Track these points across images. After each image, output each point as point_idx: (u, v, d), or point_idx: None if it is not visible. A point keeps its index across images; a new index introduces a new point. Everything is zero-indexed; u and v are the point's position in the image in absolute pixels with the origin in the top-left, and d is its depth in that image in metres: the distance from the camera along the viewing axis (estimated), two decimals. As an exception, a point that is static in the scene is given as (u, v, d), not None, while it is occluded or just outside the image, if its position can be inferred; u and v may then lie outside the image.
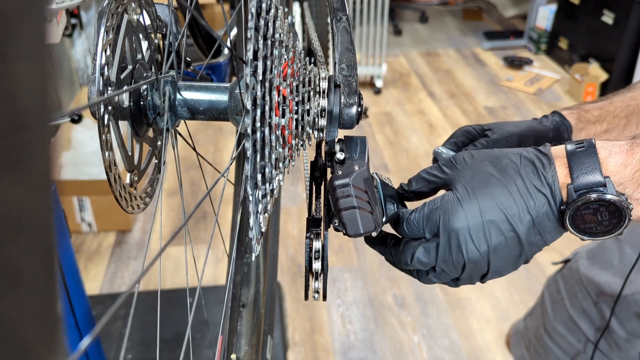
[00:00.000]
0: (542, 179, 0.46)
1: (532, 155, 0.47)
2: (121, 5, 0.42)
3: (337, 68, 0.46)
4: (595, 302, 0.83)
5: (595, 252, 0.87)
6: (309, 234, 0.47)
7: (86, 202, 1.99)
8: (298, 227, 2.14)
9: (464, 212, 0.46)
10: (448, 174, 0.50)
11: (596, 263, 0.85)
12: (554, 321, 0.90)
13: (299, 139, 0.45)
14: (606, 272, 0.82)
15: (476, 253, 0.47)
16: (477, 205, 0.46)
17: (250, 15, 0.37)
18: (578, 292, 0.86)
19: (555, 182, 0.46)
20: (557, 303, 0.90)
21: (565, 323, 0.88)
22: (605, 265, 0.83)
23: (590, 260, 0.87)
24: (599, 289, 0.82)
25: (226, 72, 0.80)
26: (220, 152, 2.59)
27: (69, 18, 2.37)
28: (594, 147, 0.46)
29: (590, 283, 0.84)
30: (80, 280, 1.13)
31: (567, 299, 0.88)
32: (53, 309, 0.13)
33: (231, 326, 0.63)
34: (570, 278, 0.89)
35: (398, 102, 3.07)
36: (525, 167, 0.47)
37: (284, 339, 1.65)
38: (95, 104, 0.39)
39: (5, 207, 0.12)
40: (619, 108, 0.67)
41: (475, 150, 0.52)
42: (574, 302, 0.87)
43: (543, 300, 0.95)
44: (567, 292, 0.89)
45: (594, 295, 0.83)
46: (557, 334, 0.89)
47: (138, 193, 0.48)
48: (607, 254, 0.84)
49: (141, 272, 0.28)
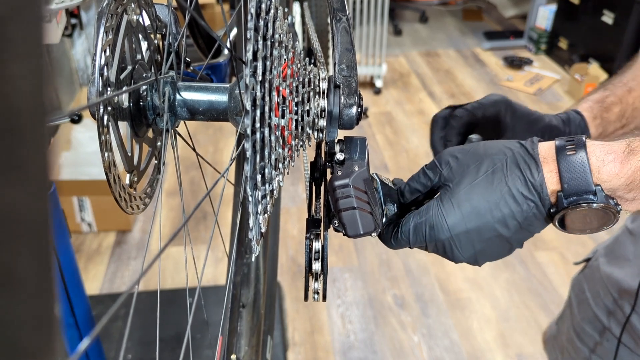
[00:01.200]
0: (530, 186, 0.45)
1: (519, 157, 0.46)
2: (121, 6, 0.42)
3: (337, 68, 0.46)
4: (615, 300, 0.82)
5: (611, 248, 0.87)
6: (309, 235, 0.47)
7: (86, 202, 1.99)
8: (298, 227, 2.14)
9: (446, 224, 0.46)
10: (433, 179, 0.49)
11: (613, 260, 0.85)
12: (582, 322, 0.89)
13: (299, 139, 0.45)
14: (623, 268, 0.82)
15: (463, 258, 0.48)
16: (461, 215, 0.46)
17: (249, 16, 0.37)
18: (600, 290, 0.86)
19: (544, 189, 0.45)
20: (582, 303, 0.90)
21: (592, 323, 0.87)
22: (621, 261, 0.83)
23: (608, 257, 0.86)
24: (618, 286, 0.82)
25: (226, 72, 0.79)
26: (220, 152, 2.59)
27: (69, 18, 2.37)
28: (584, 148, 0.45)
29: (610, 280, 0.84)
30: (80, 280, 1.13)
31: (591, 299, 0.88)
32: (51, 311, 0.13)
33: (231, 326, 0.63)
34: (592, 277, 0.89)
35: (398, 102, 3.07)
36: (511, 173, 0.46)
37: (284, 339, 1.65)
38: (95, 105, 0.39)
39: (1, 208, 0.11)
40: (638, 98, 0.66)
41: (460, 149, 0.50)
42: (598, 301, 0.86)
43: (570, 302, 0.95)
44: (591, 292, 0.88)
45: (614, 292, 0.83)
46: (585, 334, 0.89)
47: (138, 193, 0.48)
48: (623, 249, 0.84)
49: (141, 272, 0.28)
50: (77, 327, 1.08)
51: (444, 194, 0.48)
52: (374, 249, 2.04)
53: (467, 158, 0.48)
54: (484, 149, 0.49)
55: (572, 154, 0.45)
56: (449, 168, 0.48)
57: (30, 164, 0.12)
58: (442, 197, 0.48)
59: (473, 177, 0.47)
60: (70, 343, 1.08)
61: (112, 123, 0.42)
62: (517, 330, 1.72)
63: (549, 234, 2.08)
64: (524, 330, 1.72)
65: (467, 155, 0.48)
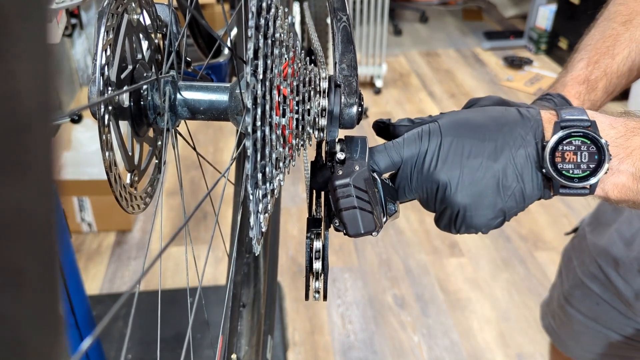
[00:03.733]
0: (527, 129, 0.46)
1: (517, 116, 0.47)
2: (121, 5, 0.42)
3: (338, 68, 0.46)
4: (600, 266, 0.84)
5: (595, 216, 0.89)
6: (309, 234, 0.47)
7: (86, 202, 1.99)
8: (298, 227, 2.14)
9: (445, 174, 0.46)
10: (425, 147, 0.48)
11: (597, 227, 0.87)
12: (570, 289, 0.92)
13: (300, 138, 0.45)
14: (605, 234, 0.84)
15: (461, 199, 0.47)
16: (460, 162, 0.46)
17: (250, 14, 0.37)
18: (586, 258, 0.88)
19: (540, 122, 0.46)
20: (570, 271, 0.92)
21: (580, 289, 0.89)
22: (604, 227, 0.85)
23: (592, 225, 0.88)
24: (603, 252, 0.83)
25: (226, 72, 0.80)
26: (221, 152, 2.59)
27: (69, 18, 2.37)
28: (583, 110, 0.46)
29: (595, 248, 0.85)
30: (80, 280, 1.13)
31: (577, 266, 0.90)
32: (55, 310, 0.13)
33: (231, 326, 0.63)
34: (579, 246, 0.91)
35: (398, 102, 3.07)
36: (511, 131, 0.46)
37: (284, 339, 1.65)
38: (96, 104, 0.39)
39: (7, 208, 0.11)
40: (622, 62, 0.65)
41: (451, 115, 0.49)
42: (584, 269, 0.88)
43: (560, 271, 0.97)
44: (577, 260, 0.91)
45: (599, 259, 0.84)
46: (575, 300, 0.91)
47: (138, 193, 0.48)
48: (605, 217, 0.85)
49: (142, 272, 0.28)
50: (77, 327, 1.08)
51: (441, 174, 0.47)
52: (374, 249, 2.04)
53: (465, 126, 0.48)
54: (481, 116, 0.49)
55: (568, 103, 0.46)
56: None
57: (37, 163, 0.12)
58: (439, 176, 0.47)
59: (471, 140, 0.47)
60: (70, 343, 1.08)
61: (113, 122, 0.42)
62: (517, 330, 1.72)
63: (549, 234, 2.08)
64: (524, 330, 1.72)
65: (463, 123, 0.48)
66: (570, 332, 0.95)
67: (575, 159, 0.45)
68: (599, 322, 0.88)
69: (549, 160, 0.45)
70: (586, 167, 0.45)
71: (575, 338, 0.94)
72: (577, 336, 0.93)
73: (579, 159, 0.45)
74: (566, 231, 0.99)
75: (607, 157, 0.44)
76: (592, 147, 0.44)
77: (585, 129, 0.44)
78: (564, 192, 0.46)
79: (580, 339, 0.93)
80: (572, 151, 0.45)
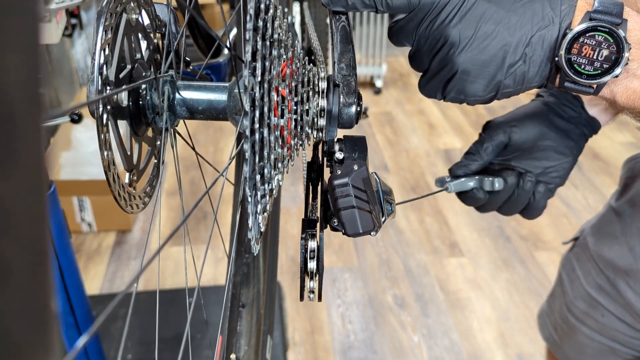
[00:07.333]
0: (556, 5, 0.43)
1: None
2: (120, 5, 0.42)
3: (336, 68, 0.46)
4: (608, 277, 0.82)
5: (598, 227, 0.86)
6: (304, 235, 0.47)
7: (86, 202, 1.99)
8: (298, 227, 2.14)
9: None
10: None
11: (601, 238, 0.85)
12: (575, 300, 0.89)
13: (298, 138, 0.45)
14: (612, 246, 0.82)
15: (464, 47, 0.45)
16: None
17: (248, 16, 0.37)
18: (591, 268, 0.86)
19: (573, 8, 0.43)
20: (574, 282, 0.90)
21: (585, 300, 0.87)
22: (609, 239, 0.83)
23: (595, 236, 0.86)
24: (611, 264, 0.82)
25: (225, 71, 0.80)
26: (221, 152, 2.59)
27: (69, 18, 2.37)
28: None
29: (600, 259, 0.83)
30: (80, 280, 1.13)
31: (582, 277, 0.87)
32: (46, 305, 0.13)
33: (231, 326, 0.63)
34: (582, 255, 0.89)
35: (398, 102, 3.07)
36: None
37: (284, 339, 1.65)
38: (94, 103, 0.39)
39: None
40: None
41: None
42: (589, 280, 0.86)
43: (561, 279, 0.94)
44: (582, 270, 0.88)
45: (607, 271, 0.82)
46: (579, 311, 0.89)
47: (137, 193, 0.48)
48: (610, 228, 0.83)
49: (139, 270, 0.28)
50: (77, 327, 1.08)
51: None
52: (374, 248, 2.04)
53: None
54: None
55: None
56: None
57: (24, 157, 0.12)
58: None
59: None
60: (70, 343, 1.08)
61: (112, 122, 0.42)
62: (517, 330, 1.72)
63: (549, 234, 2.08)
64: (524, 330, 1.72)
65: None
66: (574, 344, 0.92)
67: (592, 55, 0.43)
68: (604, 334, 0.86)
69: (565, 49, 0.43)
70: (599, 66, 0.43)
71: (579, 350, 0.91)
72: (581, 348, 0.90)
73: (595, 55, 0.43)
74: (564, 241, 0.97)
75: (623, 61, 0.43)
76: (612, 46, 0.43)
77: (613, 26, 0.42)
78: (568, 86, 0.45)
79: (585, 352, 0.90)
80: (591, 46, 0.43)
